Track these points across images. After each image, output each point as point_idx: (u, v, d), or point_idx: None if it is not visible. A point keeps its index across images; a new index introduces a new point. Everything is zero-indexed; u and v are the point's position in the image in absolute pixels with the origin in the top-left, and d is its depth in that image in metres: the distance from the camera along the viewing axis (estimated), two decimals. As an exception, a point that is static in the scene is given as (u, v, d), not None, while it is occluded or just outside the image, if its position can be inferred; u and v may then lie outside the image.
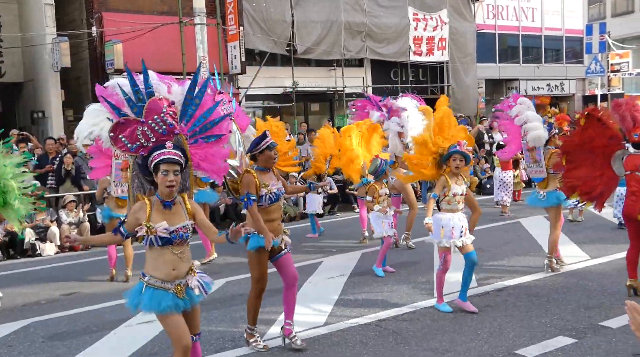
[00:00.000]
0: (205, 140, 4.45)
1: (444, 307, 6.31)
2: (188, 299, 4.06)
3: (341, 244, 10.31)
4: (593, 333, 5.48)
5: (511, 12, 26.40)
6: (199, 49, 14.35)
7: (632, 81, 34.93)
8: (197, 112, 4.47)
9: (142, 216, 4.01)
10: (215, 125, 4.50)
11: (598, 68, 24.79)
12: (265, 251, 5.33)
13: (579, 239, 9.55)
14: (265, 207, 5.36)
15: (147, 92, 4.34)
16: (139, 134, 4.24)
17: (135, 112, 4.31)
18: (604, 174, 6.51)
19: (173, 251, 4.02)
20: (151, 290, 3.99)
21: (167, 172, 3.97)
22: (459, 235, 6.19)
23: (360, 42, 20.46)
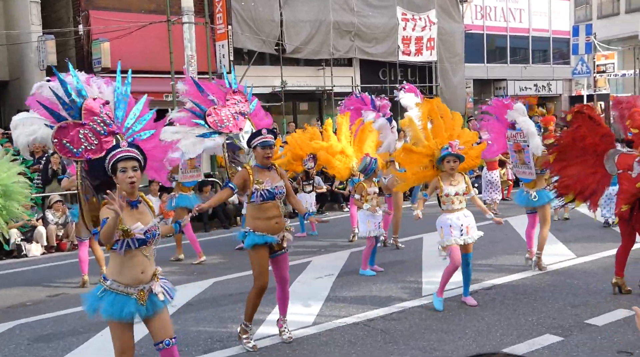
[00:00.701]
0: (139, 137, 4.41)
1: (437, 303, 6.32)
2: (150, 305, 3.93)
3: (330, 244, 10.31)
4: (579, 331, 5.52)
5: (499, 13, 26.53)
6: (187, 47, 14.27)
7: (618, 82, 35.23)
8: (127, 110, 4.43)
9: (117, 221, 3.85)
10: (146, 121, 4.47)
11: (584, 69, 24.98)
12: (263, 247, 5.33)
13: (565, 237, 9.62)
14: (258, 204, 5.35)
15: (80, 94, 4.24)
16: (81, 137, 4.15)
17: (72, 115, 4.19)
18: (597, 172, 6.55)
19: (144, 252, 3.92)
20: (112, 295, 3.84)
21: (125, 169, 3.86)
22: (459, 234, 6.23)
23: (349, 41, 20.47)
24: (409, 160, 6.58)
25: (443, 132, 6.53)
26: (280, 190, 5.42)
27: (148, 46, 15.89)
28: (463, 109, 23.67)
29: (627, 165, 6.33)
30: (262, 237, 5.33)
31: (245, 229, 5.42)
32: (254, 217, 5.39)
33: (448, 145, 6.23)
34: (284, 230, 5.48)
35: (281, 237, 5.45)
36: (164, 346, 3.99)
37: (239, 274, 8.30)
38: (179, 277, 8.46)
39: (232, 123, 8.38)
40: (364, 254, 8.13)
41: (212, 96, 8.46)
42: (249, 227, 5.38)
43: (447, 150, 6.20)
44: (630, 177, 6.29)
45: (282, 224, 5.47)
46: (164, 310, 4.05)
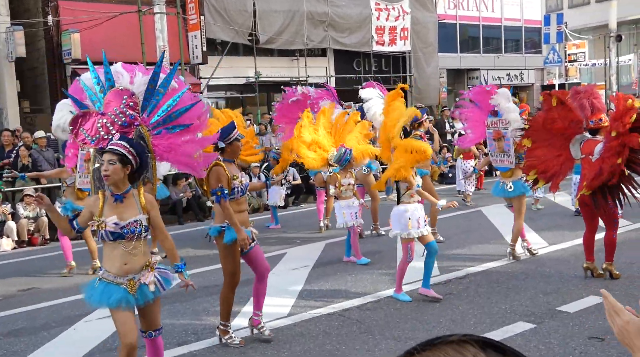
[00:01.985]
0: (169, 130, 4.35)
1: (403, 297, 6.36)
2: (140, 295, 3.98)
3: (305, 235, 10.31)
4: (551, 318, 5.60)
5: (471, 2, 26.66)
6: (158, 38, 14.11)
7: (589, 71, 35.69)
8: (160, 102, 4.36)
9: (95, 210, 3.95)
10: (180, 114, 4.39)
11: (556, 58, 25.27)
12: (236, 243, 5.29)
13: (537, 226, 9.75)
14: (237, 198, 5.31)
15: (108, 84, 4.26)
16: (99, 126, 4.16)
17: (96, 105, 4.24)
18: (561, 155, 6.70)
19: (125, 246, 3.93)
20: (104, 284, 3.95)
21: (103, 161, 3.90)
22: (423, 224, 6.25)
23: (323, 32, 20.42)
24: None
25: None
26: (247, 182, 5.43)
27: (119, 37, 15.65)
28: (437, 98, 23.80)
29: (591, 151, 6.44)
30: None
31: (222, 224, 5.26)
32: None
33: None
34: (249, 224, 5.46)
35: (250, 230, 5.41)
36: (147, 336, 4.17)
37: (214, 266, 8.24)
38: (153, 270, 8.41)
39: None
40: (352, 243, 8.14)
41: None
42: (227, 223, 5.22)
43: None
44: (591, 162, 6.40)
45: (248, 217, 5.48)
46: (154, 301, 4.11)
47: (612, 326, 1.73)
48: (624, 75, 29.90)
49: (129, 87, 4.36)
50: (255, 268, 5.45)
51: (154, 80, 4.36)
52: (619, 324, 1.70)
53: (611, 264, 6.71)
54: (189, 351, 5.30)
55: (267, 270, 5.53)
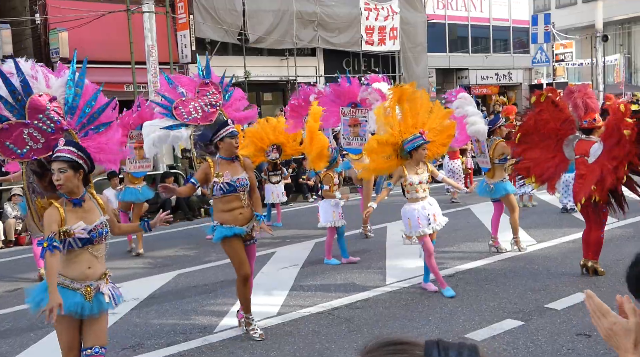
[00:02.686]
0: (95, 130, 4.28)
1: (447, 292, 6.32)
2: (96, 304, 3.82)
3: (294, 234, 10.30)
4: (539, 315, 5.63)
5: (460, 2, 26.75)
6: (147, 37, 14.02)
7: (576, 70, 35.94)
8: (80, 103, 4.24)
9: (57, 221, 3.74)
10: (102, 113, 4.32)
11: (543, 58, 25.42)
12: (232, 238, 5.31)
13: (525, 224, 9.78)
14: (219, 197, 5.31)
15: (25, 90, 4.03)
16: (25, 137, 3.98)
17: (16, 115, 4.01)
18: (555, 156, 6.72)
19: (91, 250, 3.84)
20: (59, 288, 3.71)
21: (54, 171, 3.77)
22: (426, 223, 6.26)
23: (312, 31, 20.41)
24: (375, 150, 6.55)
25: (408, 120, 6.50)
26: (242, 182, 5.35)
27: (108, 36, 15.58)
28: (426, 98, 23.85)
29: (585, 151, 6.48)
30: (229, 229, 5.30)
31: (214, 223, 5.42)
32: (220, 210, 5.38)
33: (419, 133, 6.24)
34: (252, 220, 5.43)
35: (250, 227, 5.42)
36: (92, 352, 3.84)
37: (203, 266, 8.25)
38: (141, 269, 8.37)
39: (200, 115, 8.23)
40: (326, 243, 8.14)
41: (181, 89, 8.32)
42: (217, 221, 5.38)
43: (421, 139, 6.22)
44: (587, 163, 6.43)
45: (247, 214, 5.41)
46: (104, 315, 3.94)
47: (598, 328, 1.73)
48: (610, 75, 30.13)
49: (46, 91, 4.14)
50: None
51: (71, 80, 4.21)
52: (605, 326, 1.70)
53: (596, 262, 6.76)
54: (177, 351, 5.28)
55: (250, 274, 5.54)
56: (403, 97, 6.54)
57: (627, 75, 34.38)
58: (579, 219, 9.92)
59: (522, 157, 7.00)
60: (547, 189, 7.09)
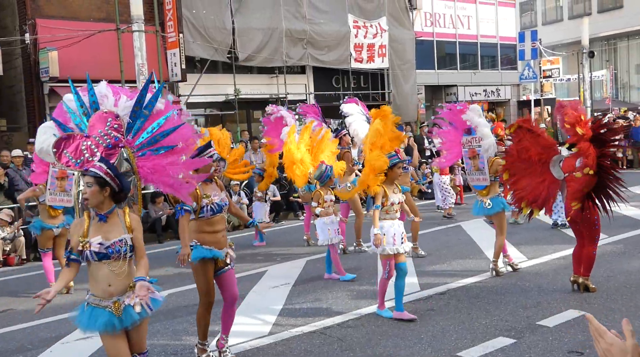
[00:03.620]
0: (154, 152, 4.37)
1: (386, 313, 6.36)
2: (126, 317, 3.91)
3: (285, 252, 10.28)
4: (531, 332, 5.64)
5: (448, 20, 27.02)
6: (137, 56, 14.03)
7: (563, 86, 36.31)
8: (145, 124, 4.39)
9: (80, 232, 3.94)
10: (165, 136, 4.40)
11: (531, 74, 25.65)
12: (209, 262, 5.24)
13: (516, 240, 9.83)
14: (208, 218, 5.26)
15: (92, 106, 4.30)
16: (83, 148, 4.18)
17: (80, 128, 4.27)
18: (545, 179, 6.80)
19: (110, 266, 3.91)
20: (90, 308, 3.93)
21: (83, 184, 3.95)
22: (400, 242, 6.25)
23: (302, 49, 20.52)
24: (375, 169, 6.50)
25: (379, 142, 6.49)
26: (225, 202, 5.36)
27: (98, 55, 15.57)
28: (415, 115, 24.00)
29: (572, 167, 6.54)
30: (210, 251, 5.20)
31: (192, 242, 5.24)
32: (201, 231, 5.25)
33: (395, 152, 6.27)
34: (227, 246, 5.40)
35: (225, 253, 5.35)
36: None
37: (194, 285, 8.18)
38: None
39: None
40: (334, 261, 8.14)
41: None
42: (196, 241, 5.22)
43: (397, 157, 6.25)
44: (575, 178, 6.50)
45: (226, 238, 5.39)
46: (142, 323, 4.08)
47: (597, 348, 1.78)
48: (597, 91, 30.46)
49: (113, 109, 4.37)
50: (223, 293, 5.39)
51: (139, 102, 4.37)
52: (603, 347, 1.75)
53: (587, 278, 6.79)
54: (169, 372, 5.23)
55: (235, 298, 5.44)
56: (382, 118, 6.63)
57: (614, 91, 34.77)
58: (570, 235, 9.96)
59: (515, 190, 7.03)
60: (545, 213, 7.11)
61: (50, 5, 16.07)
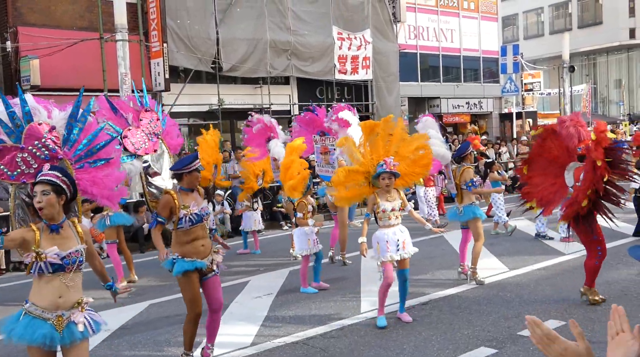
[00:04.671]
0: (91, 164, 4.39)
1: (380, 322, 6.35)
2: (67, 334, 3.75)
3: (268, 263, 10.25)
4: (512, 343, 5.67)
5: (431, 33, 27.27)
6: (120, 65, 13.98)
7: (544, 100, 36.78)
8: (81, 136, 4.40)
9: (30, 243, 3.73)
10: (101, 148, 4.44)
11: (512, 87, 25.97)
12: (193, 273, 5.21)
13: (498, 251, 9.90)
14: (186, 229, 5.23)
15: (25, 117, 4.21)
16: (18, 160, 4.11)
17: (13, 139, 4.16)
18: (556, 183, 6.91)
19: (63, 278, 3.77)
20: (29, 318, 3.72)
21: (35, 193, 3.77)
22: (395, 249, 6.28)
23: (286, 60, 20.57)
24: (345, 180, 6.61)
25: (380, 149, 6.61)
26: (206, 211, 5.36)
27: (80, 64, 15.48)
28: (399, 126, 24.11)
29: (579, 177, 6.63)
30: (191, 263, 5.18)
31: (173, 255, 5.24)
32: (180, 243, 5.24)
33: (383, 162, 6.32)
34: (211, 252, 5.37)
35: (210, 260, 5.33)
36: None
37: (176, 295, 8.12)
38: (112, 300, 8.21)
39: (148, 145, 8.16)
40: (301, 272, 8.13)
41: (126, 115, 8.22)
42: (177, 253, 5.21)
43: (382, 168, 6.30)
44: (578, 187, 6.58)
45: (208, 246, 5.36)
46: (82, 342, 3.85)
47: (546, 354, 1.74)
48: (577, 104, 30.89)
49: (47, 121, 4.32)
50: (208, 299, 5.38)
51: (74, 114, 4.38)
52: (555, 352, 1.72)
53: (589, 289, 6.84)
54: (150, 383, 5.18)
55: (220, 304, 5.44)
56: (375, 130, 6.66)
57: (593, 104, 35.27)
58: (551, 247, 10.09)
59: (527, 183, 7.19)
60: (542, 213, 7.20)
61: (32, 13, 15.97)
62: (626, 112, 37.10)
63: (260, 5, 19.78)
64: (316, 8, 21.49)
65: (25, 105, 4.24)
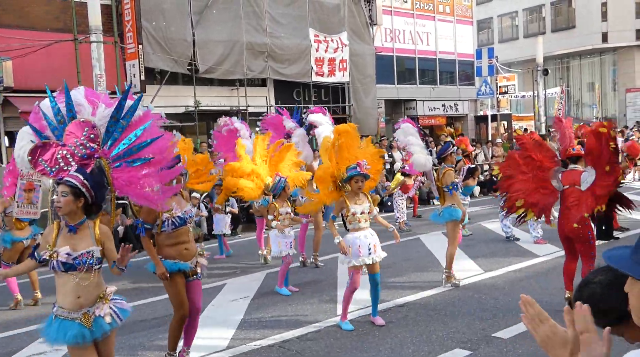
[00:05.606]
0: (129, 163, 4.34)
1: (345, 326, 6.39)
2: (97, 328, 3.91)
3: (245, 265, 10.23)
4: (486, 344, 5.74)
5: (407, 36, 27.44)
6: (95, 67, 13.85)
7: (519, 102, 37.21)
8: (123, 134, 4.38)
9: (50, 240, 3.93)
10: (142, 148, 4.38)
11: (488, 90, 26.25)
12: (177, 274, 5.21)
13: (473, 253, 9.99)
14: (169, 232, 5.22)
15: (69, 114, 4.27)
16: (58, 157, 4.16)
17: (56, 135, 4.25)
18: (546, 187, 6.93)
19: (76, 278, 3.88)
20: (59, 321, 3.88)
21: (57, 193, 3.91)
22: (367, 252, 6.29)
23: (263, 62, 20.55)
24: (323, 179, 6.63)
25: (346, 153, 6.62)
26: (189, 213, 5.35)
27: (55, 65, 15.30)
28: (375, 128, 24.24)
29: (574, 180, 6.67)
30: (174, 264, 5.20)
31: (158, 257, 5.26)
32: (163, 245, 5.26)
33: (356, 164, 6.34)
34: (196, 255, 5.38)
35: (194, 263, 5.34)
36: None
37: (151, 299, 8.09)
38: (87, 304, 8.15)
39: None
40: (280, 271, 8.15)
41: None
42: (160, 256, 5.23)
43: (356, 170, 6.31)
44: (578, 191, 6.61)
45: (192, 249, 5.36)
46: (111, 334, 4.04)
47: (534, 333, 1.77)
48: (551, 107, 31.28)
49: (90, 118, 4.33)
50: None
51: (117, 111, 4.35)
52: (543, 332, 1.75)
53: None
54: (124, 388, 5.15)
55: (197, 310, 5.46)
56: (342, 134, 6.70)
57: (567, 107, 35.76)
58: (525, 248, 10.21)
59: (507, 193, 7.08)
60: (545, 222, 7.21)
61: (6, 14, 15.74)
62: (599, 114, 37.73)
63: (237, 8, 19.73)
64: (292, 10, 21.51)
65: (69, 101, 4.30)
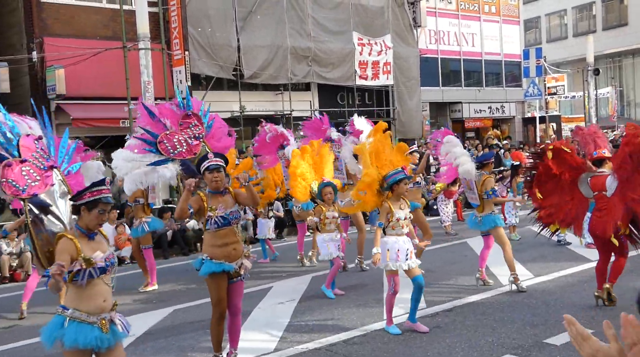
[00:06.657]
0: (72, 170, 4.48)
1: (393, 330, 6.33)
2: (112, 335, 3.92)
3: (291, 269, 10.26)
4: (538, 351, 5.59)
5: (452, 37, 27.16)
6: (143, 74, 14.15)
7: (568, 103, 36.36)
8: (55, 144, 4.48)
9: (73, 252, 3.82)
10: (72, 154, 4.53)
11: (536, 91, 25.72)
12: (220, 274, 5.27)
13: (522, 257, 9.77)
14: (213, 231, 5.29)
15: (14, 130, 4.28)
16: (24, 173, 4.14)
17: (11, 153, 4.20)
18: (574, 197, 6.81)
19: (105, 280, 3.94)
20: (75, 324, 3.81)
21: (103, 211, 3.97)
22: (404, 258, 6.23)
23: (307, 66, 20.64)
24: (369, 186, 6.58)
25: (381, 156, 6.57)
26: (235, 215, 5.37)
27: (104, 72, 15.70)
28: (420, 131, 24.06)
29: (601, 185, 6.54)
30: (219, 265, 5.25)
31: (203, 256, 5.36)
32: (210, 245, 5.33)
33: (401, 168, 6.30)
34: (242, 257, 5.42)
35: (239, 264, 5.38)
36: None
37: (200, 301, 8.18)
38: (138, 305, 8.30)
39: (185, 148, 8.16)
40: (330, 273, 8.17)
41: (164, 120, 8.24)
42: (206, 255, 5.32)
43: (402, 173, 6.27)
44: (605, 197, 6.48)
45: (239, 250, 5.40)
46: (121, 343, 4.06)
47: (580, 352, 1.76)
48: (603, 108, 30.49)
49: (29, 131, 4.39)
50: (227, 304, 5.43)
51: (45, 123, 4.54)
52: (588, 351, 1.74)
53: (612, 285, 6.79)
54: (174, 389, 5.21)
55: (237, 309, 5.48)
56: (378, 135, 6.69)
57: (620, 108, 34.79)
58: (576, 253, 9.94)
59: (541, 206, 7.04)
60: (574, 233, 7.13)
61: (57, 23, 16.24)
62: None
63: (280, 12, 19.88)
64: (336, 14, 21.55)
65: (9, 118, 4.30)
